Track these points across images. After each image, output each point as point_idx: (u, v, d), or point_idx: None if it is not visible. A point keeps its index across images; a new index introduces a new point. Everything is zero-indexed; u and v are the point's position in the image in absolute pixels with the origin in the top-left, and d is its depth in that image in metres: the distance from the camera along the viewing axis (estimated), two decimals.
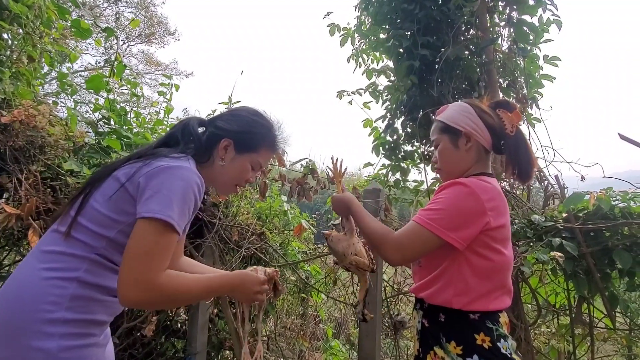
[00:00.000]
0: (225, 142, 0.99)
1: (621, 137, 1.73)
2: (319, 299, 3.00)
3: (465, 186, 0.97)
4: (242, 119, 1.03)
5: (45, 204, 1.51)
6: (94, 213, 0.84)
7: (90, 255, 0.82)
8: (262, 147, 1.03)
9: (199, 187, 0.86)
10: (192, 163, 0.91)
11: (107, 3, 12.09)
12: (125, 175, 0.86)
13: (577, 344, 1.96)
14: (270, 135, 1.05)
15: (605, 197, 1.70)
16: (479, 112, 1.07)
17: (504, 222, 1.00)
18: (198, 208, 0.89)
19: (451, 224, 0.94)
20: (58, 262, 0.81)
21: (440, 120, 1.12)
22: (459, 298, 0.96)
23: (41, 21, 2.00)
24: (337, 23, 3.64)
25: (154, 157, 0.88)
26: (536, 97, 2.88)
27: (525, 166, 1.06)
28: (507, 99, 1.15)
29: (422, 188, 3.11)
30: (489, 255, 0.97)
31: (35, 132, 1.55)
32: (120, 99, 2.81)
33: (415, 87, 2.88)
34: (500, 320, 0.98)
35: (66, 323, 0.78)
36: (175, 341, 2.21)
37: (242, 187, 1.09)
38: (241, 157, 1.01)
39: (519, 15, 2.77)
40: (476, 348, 0.92)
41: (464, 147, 1.07)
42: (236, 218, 2.28)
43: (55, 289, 0.78)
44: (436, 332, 0.99)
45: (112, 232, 0.83)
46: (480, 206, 0.95)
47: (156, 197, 0.79)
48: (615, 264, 1.69)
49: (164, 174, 0.82)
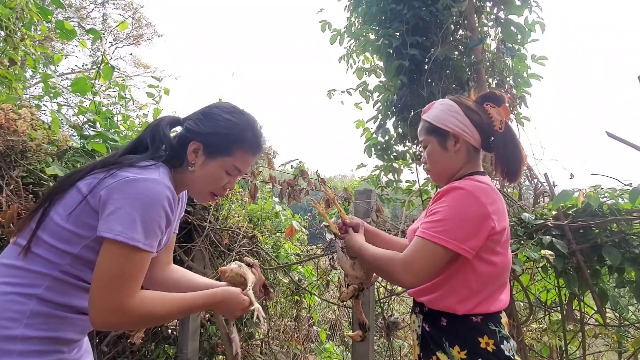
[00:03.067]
0: (194, 146, 0.90)
1: (608, 135, 1.76)
2: (312, 301, 2.98)
3: (465, 191, 0.93)
4: (212, 119, 0.92)
5: (27, 210, 1.46)
6: (55, 227, 0.79)
7: (52, 272, 0.77)
8: (236, 149, 0.91)
9: (169, 199, 0.79)
10: (164, 171, 0.84)
11: (94, 5, 11.91)
12: (87, 186, 0.79)
13: (568, 340, 1.97)
14: (245, 136, 0.93)
15: (593, 194, 1.72)
16: (465, 110, 1.03)
17: (506, 224, 0.97)
18: (174, 221, 0.84)
19: (460, 234, 0.90)
20: (17, 277, 0.76)
21: (426, 120, 1.08)
22: (462, 305, 0.94)
23: (23, 23, 1.96)
24: (329, 21, 3.64)
25: (118, 167, 0.81)
26: (525, 96, 2.91)
27: (513, 165, 1.02)
28: (494, 92, 1.07)
29: (415, 188, 3.12)
30: (492, 260, 0.94)
31: (16, 136, 1.51)
32: (107, 101, 2.76)
33: (406, 87, 2.90)
34: (502, 321, 0.97)
35: (25, 340, 0.73)
36: (166, 347, 2.17)
37: (221, 196, 0.97)
38: (212, 161, 0.90)
39: (506, 15, 2.80)
40: (480, 352, 0.91)
41: (452, 149, 1.03)
42: (227, 221, 2.25)
43: (14, 304, 0.74)
44: (438, 337, 0.96)
45: (76, 247, 0.78)
46: (484, 210, 0.91)
47: (118, 215, 0.74)
48: (605, 260, 1.70)
49: (128, 188, 0.76)
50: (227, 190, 0.97)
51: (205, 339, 2.25)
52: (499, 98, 1.03)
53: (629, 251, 1.67)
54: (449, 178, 1.06)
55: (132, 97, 2.62)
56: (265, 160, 2.22)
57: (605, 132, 1.76)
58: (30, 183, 1.57)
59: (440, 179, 1.10)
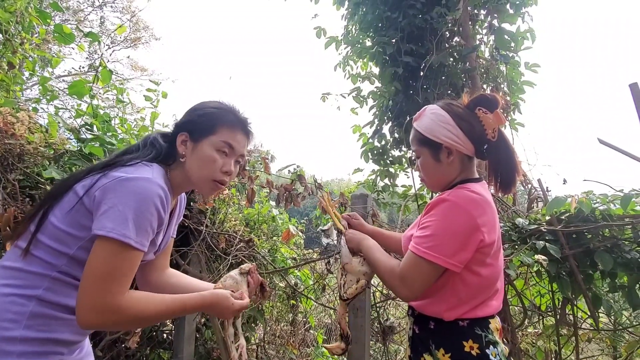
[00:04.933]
0: (182, 137, 0.93)
1: (600, 141, 1.79)
2: (309, 305, 2.98)
3: (452, 203, 0.93)
4: (192, 109, 0.97)
5: (24, 213, 1.46)
6: (53, 230, 0.80)
7: (51, 273, 0.78)
8: (219, 127, 0.93)
9: (161, 197, 0.80)
10: (158, 170, 0.86)
11: (92, 7, 11.92)
12: (83, 187, 0.81)
13: (562, 344, 1.99)
14: (223, 113, 0.95)
15: (586, 200, 1.74)
16: (457, 120, 1.00)
17: (496, 236, 0.97)
18: (166, 219, 0.85)
19: (448, 250, 0.90)
20: (17, 278, 0.77)
21: (418, 130, 1.05)
22: (450, 312, 0.95)
23: (22, 27, 1.96)
24: (323, 27, 3.68)
25: (112, 168, 0.82)
26: (519, 102, 2.96)
27: (507, 175, 1.00)
28: (486, 95, 1.02)
29: (411, 193, 3.14)
30: (481, 272, 0.95)
31: (14, 140, 1.51)
32: (105, 104, 2.76)
33: (401, 93, 2.93)
34: (491, 326, 0.96)
35: (25, 341, 0.74)
36: (161, 352, 2.15)
37: (223, 183, 0.95)
38: (200, 144, 0.91)
39: (499, 23, 2.86)
40: (464, 355, 0.92)
41: (446, 161, 1.01)
42: (224, 225, 2.26)
43: (14, 306, 0.75)
44: (426, 340, 0.99)
45: (72, 248, 0.79)
46: (473, 223, 0.91)
47: (110, 213, 0.74)
48: (597, 265, 1.72)
49: (121, 187, 0.77)
50: (229, 176, 0.95)
51: (201, 343, 2.24)
52: (491, 102, 1.00)
53: (621, 256, 1.69)
54: (444, 187, 1.06)
55: (130, 101, 2.62)
56: (263, 164, 2.23)
57: (597, 139, 1.80)
58: (27, 186, 1.57)
59: (435, 188, 1.11)
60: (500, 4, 2.84)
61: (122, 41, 12.72)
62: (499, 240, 0.99)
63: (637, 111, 1.62)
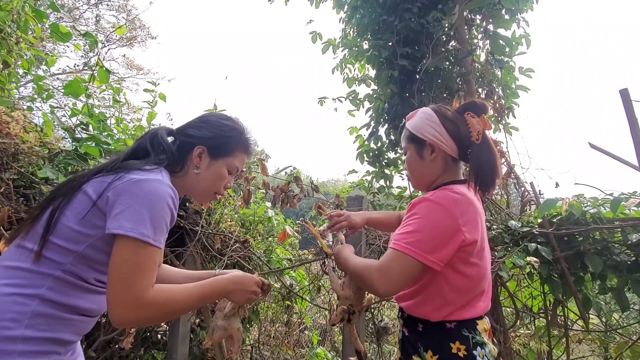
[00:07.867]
0: (199, 150, 0.98)
1: (591, 146, 1.82)
2: (304, 306, 2.99)
3: (433, 202, 0.94)
4: (212, 124, 1.01)
5: (18, 213, 1.46)
6: (64, 230, 0.81)
7: (54, 272, 0.79)
8: (236, 150, 1.02)
9: (173, 199, 0.83)
10: (165, 174, 0.89)
11: (87, 5, 11.83)
12: (95, 189, 0.83)
13: (553, 345, 2.02)
14: (242, 138, 1.04)
15: (576, 203, 1.77)
16: (442, 120, 1.03)
17: (478, 236, 0.97)
18: (175, 220, 0.87)
19: (428, 246, 0.91)
20: (20, 278, 0.78)
21: (407, 128, 1.10)
22: (436, 313, 0.97)
23: (18, 26, 1.95)
24: (319, 32, 3.70)
25: (125, 170, 0.85)
26: (513, 106, 3.00)
27: (486, 177, 0.99)
28: (475, 101, 1.05)
29: (406, 194, 3.16)
30: (465, 271, 0.96)
31: (9, 139, 1.50)
32: (101, 103, 2.74)
33: (397, 96, 2.96)
34: (479, 327, 0.98)
35: (26, 341, 0.74)
36: (155, 353, 2.15)
37: (221, 195, 1.06)
38: (217, 162, 0.99)
39: (495, 28, 2.89)
40: (451, 357, 0.93)
41: (429, 157, 1.05)
42: (219, 225, 2.26)
43: (16, 305, 0.75)
44: (415, 342, 1.00)
45: (81, 246, 0.80)
46: (454, 222, 0.92)
47: (128, 213, 0.77)
48: (588, 267, 1.75)
49: (136, 188, 0.80)
50: (225, 189, 1.04)
51: (195, 344, 2.24)
52: (479, 107, 1.02)
53: (611, 259, 1.72)
54: (428, 186, 1.08)
55: (127, 101, 2.61)
56: (259, 165, 2.24)
57: (588, 143, 1.83)
58: (22, 186, 1.57)
59: (418, 185, 1.13)
60: (495, 10, 2.88)
61: (117, 40, 12.64)
62: (483, 240, 1.00)
63: (627, 116, 1.65)
